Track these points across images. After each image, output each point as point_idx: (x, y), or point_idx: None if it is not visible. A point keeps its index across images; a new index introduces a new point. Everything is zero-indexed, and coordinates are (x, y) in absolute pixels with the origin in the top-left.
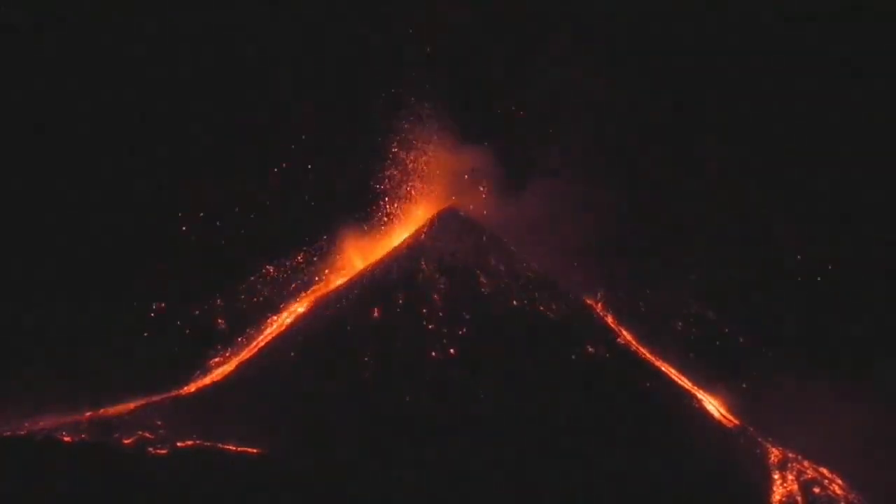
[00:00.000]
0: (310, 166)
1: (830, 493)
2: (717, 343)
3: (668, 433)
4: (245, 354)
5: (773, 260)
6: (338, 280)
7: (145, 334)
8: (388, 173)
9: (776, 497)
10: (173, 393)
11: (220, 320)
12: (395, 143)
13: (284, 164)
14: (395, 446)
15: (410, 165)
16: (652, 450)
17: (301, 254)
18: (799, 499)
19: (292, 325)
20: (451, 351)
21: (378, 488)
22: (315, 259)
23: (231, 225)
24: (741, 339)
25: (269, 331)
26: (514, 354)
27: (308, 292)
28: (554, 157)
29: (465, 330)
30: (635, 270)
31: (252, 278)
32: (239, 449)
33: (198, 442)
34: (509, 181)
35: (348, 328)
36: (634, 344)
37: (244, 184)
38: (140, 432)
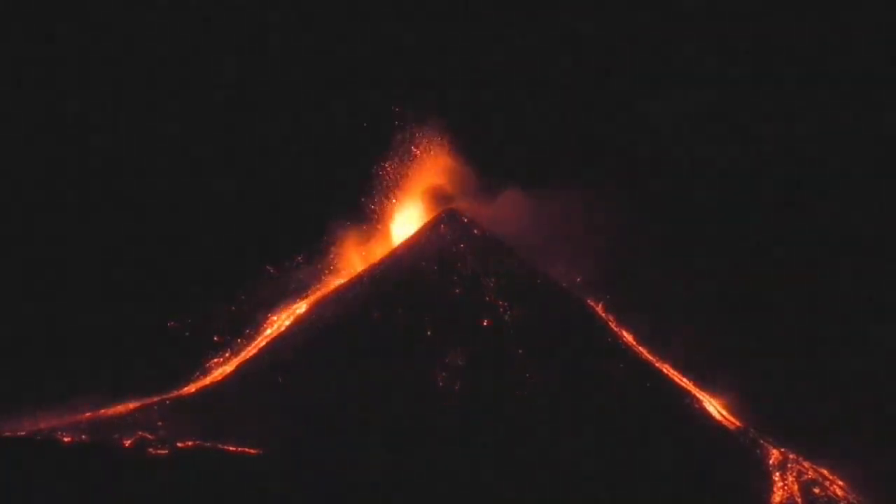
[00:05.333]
0: (310, 168)
1: (830, 493)
2: (718, 343)
3: (668, 433)
4: (245, 355)
5: (774, 262)
6: (338, 281)
7: (145, 335)
8: (388, 175)
9: (776, 497)
10: (173, 393)
11: (219, 321)
12: (395, 145)
13: (284, 166)
14: (396, 446)
15: (411, 167)
16: (652, 450)
17: (301, 255)
18: (799, 499)
19: (292, 325)
20: (451, 351)
21: (378, 488)
22: (315, 260)
23: (231, 226)
24: (742, 340)
25: (269, 331)
26: (514, 355)
27: (308, 293)
28: (555, 160)
29: (465, 330)
30: (637, 272)
31: (252, 279)
32: (239, 449)
33: (198, 442)
34: (510, 183)
35: (348, 328)
36: (635, 344)
37: (244, 185)
38: (140, 432)
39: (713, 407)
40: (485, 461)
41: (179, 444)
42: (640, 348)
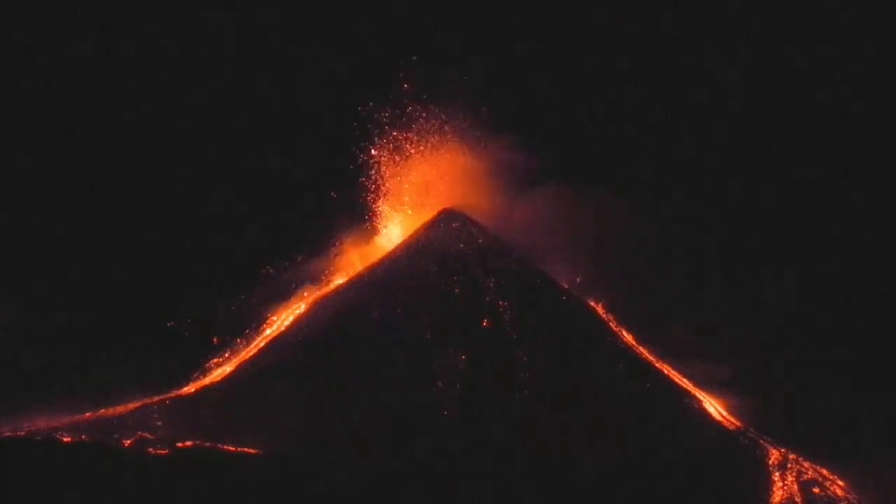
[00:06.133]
0: (310, 168)
1: (830, 493)
2: (718, 344)
3: (668, 433)
4: (245, 355)
5: (773, 262)
6: (338, 280)
7: (145, 335)
8: (388, 175)
9: (776, 497)
10: (173, 393)
11: (219, 321)
12: (395, 145)
13: (285, 166)
14: (395, 446)
15: (411, 167)
16: (652, 450)
17: (301, 254)
18: (799, 499)
19: (292, 325)
20: (451, 351)
21: (377, 488)
22: (315, 259)
23: (231, 226)
24: (742, 341)
25: (269, 331)
26: (514, 355)
27: (308, 292)
28: (556, 160)
29: (464, 330)
30: (637, 272)
31: (252, 279)
32: (239, 449)
33: (198, 442)
34: (510, 183)
35: (348, 328)
36: (635, 345)
37: (244, 186)
38: (140, 432)
39: (713, 407)
40: (484, 461)
41: (179, 444)
42: (640, 348)
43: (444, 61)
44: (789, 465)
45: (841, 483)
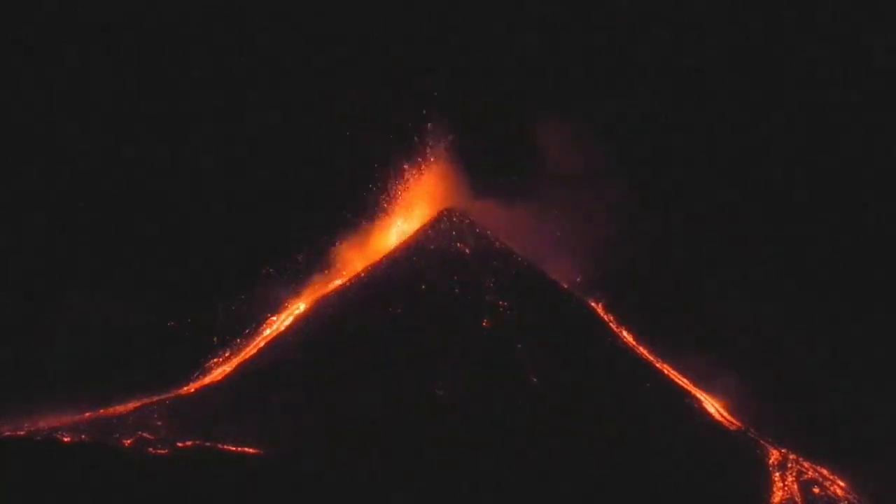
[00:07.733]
0: (310, 168)
1: (830, 493)
2: (718, 343)
3: (668, 433)
4: (245, 355)
5: (774, 261)
6: (338, 280)
7: (145, 335)
8: (387, 175)
9: (776, 497)
10: (173, 393)
11: (219, 321)
12: (395, 145)
13: (284, 166)
14: (395, 446)
15: (411, 166)
16: (652, 450)
17: (301, 255)
18: (799, 499)
19: (292, 325)
20: (451, 351)
21: (378, 488)
22: (315, 260)
23: (231, 226)
24: (742, 340)
25: (268, 331)
26: (514, 355)
27: (308, 292)
28: (556, 159)
29: (465, 331)
30: (637, 272)
31: (252, 279)
32: (239, 449)
33: (198, 442)
34: (510, 182)
35: (348, 328)
36: (635, 345)
37: (244, 186)
38: (140, 432)
39: (713, 407)
40: (485, 461)
41: (179, 444)
42: (640, 348)
43: (445, 62)
44: (789, 465)
45: (841, 483)
